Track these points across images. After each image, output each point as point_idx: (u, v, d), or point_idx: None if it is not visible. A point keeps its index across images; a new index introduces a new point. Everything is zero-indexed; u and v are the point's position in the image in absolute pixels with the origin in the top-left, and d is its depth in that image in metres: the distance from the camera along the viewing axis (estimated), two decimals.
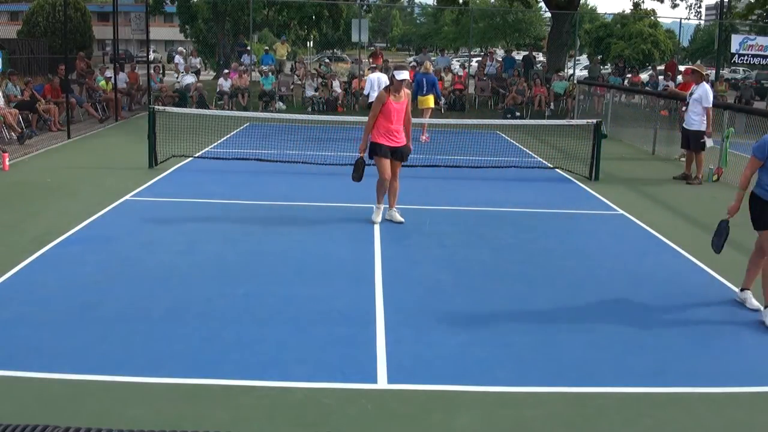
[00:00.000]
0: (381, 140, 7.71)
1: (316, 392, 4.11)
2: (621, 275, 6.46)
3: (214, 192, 9.30)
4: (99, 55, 31.83)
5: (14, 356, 4.39)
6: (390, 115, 7.63)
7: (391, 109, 7.62)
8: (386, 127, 7.69)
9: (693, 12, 39.18)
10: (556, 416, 3.96)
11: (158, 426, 3.60)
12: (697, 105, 11.05)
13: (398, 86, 7.66)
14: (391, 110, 7.62)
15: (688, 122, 11.27)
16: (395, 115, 7.65)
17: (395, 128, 7.72)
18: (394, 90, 7.67)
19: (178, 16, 32.89)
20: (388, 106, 7.63)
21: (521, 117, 18.86)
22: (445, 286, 5.98)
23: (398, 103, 7.66)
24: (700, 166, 11.27)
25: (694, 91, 11.21)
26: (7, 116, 12.58)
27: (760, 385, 4.39)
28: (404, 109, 7.76)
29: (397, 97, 7.67)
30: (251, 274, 6.13)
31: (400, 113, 7.72)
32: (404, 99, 7.74)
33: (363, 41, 23.41)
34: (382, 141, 7.71)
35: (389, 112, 7.63)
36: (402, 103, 7.71)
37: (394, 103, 7.63)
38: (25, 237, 6.94)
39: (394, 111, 7.63)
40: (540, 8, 35.79)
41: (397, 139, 7.74)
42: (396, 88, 7.67)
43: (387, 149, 7.73)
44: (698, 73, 11.41)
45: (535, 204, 9.24)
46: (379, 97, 7.73)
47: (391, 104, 7.62)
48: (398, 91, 7.67)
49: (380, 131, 7.72)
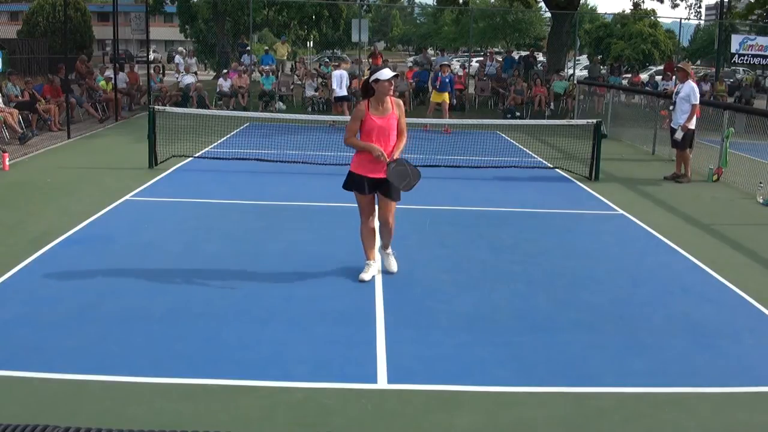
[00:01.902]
0: (358, 169, 5.74)
1: (316, 392, 4.11)
2: (621, 275, 6.46)
3: (214, 192, 9.30)
4: (99, 55, 31.85)
5: (14, 356, 4.39)
6: (370, 135, 5.66)
7: (372, 126, 5.64)
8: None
9: (693, 12, 39.23)
10: (556, 416, 3.96)
11: (158, 426, 3.60)
12: (684, 103, 11.00)
13: (381, 94, 5.64)
14: (372, 128, 5.64)
15: (675, 121, 11.21)
16: (377, 135, 5.66)
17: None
18: (375, 100, 5.68)
19: (178, 16, 32.95)
20: (367, 123, 5.65)
21: (521, 117, 18.86)
22: (445, 286, 5.98)
23: (382, 117, 5.65)
24: (687, 164, 11.23)
25: (680, 89, 11.16)
26: (7, 116, 12.57)
27: (760, 385, 4.39)
28: (392, 126, 5.71)
29: (380, 109, 5.67)
30: (251, 274, 6.13)
31: (386, 131, 5.68)
32: (392, 111, 5.70)
33: (363, 41, 23.41)
34: (359, 170, 5.73)
35: (370, 129, 5.66)
36: (388, 118, 5.67)
37: (375, 117, 5.63)
38: (25, 237, 6.94)
39: (376, 129, 5.64)
40: (540, 8, 35.77)
41: (381, 166, 5.64)
42: (378, 97, 5.66)
43: (366, 182, 5.72)
44: (684, 71, 11.41)
45: (535, 204, 9.24)
46: (357, 111, 5.76)
47: (372, 120, 5.63)
48: (381, 101, 5.67)
49: (359, 155, 5.77)
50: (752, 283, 6.29)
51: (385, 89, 5.61)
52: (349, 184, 5.81)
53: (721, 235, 7.97)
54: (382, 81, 5.59)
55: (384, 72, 5.63)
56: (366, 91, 5.76)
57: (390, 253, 6.15)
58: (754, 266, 6.94)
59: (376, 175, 5.66)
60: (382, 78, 5.59)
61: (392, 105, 5.73)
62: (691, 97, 10.92)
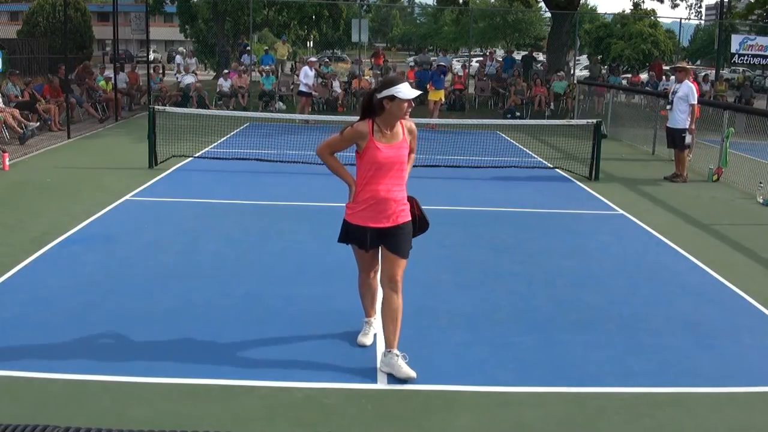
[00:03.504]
0: (356, 219, 4.27)
1: (316, 392, 4.11)
2: (621, 275, 6.46)
3: (214, 192, 9.30)
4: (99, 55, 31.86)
5: (14, 356, 4.39)
6: (374, 171, 4.16)
7: (376, 157, 4.12)
8: (372, 189, 4.18)
9: (693, 12, 39.17)
10: (556, 416, 3.96)
11: (158, 426, 3.60)
12: (682, 103, 11.00)
13: (394, 117, 4.13)
14: (376, 160, 4.13)
15: (672, 121, 11.19)
16: (385, 171, 4.17)
17: (387, 192, 4.20)
18: (383, 122, 4.14)
19: (178, 16, 32.92)
20: (370, 153, 4.13)
21: (521, 117, 18.86)
22: (445, 286, 5.98)
23: (390, 146, 4.15)
24: (683, 164, 11.23)
25: (677, 89, 11.15)
26: (7, 116, 12.57)
27: (760, 385, 4.38)
28: (403, 158, 4.23)
29: (387, 135, 4.15)
30: (251, 274, 6.13)
31: (396, 166, 4.19)
32: (403, 138, 4.21)
33: (363, 41, 23.41)
34: (357, 220, 4.27)
35: (372, 162, 4.14)
36: (398, 147, 4.18)
37: (382, 146, 4.13)
38: (25, 237, 6.94)
39: (383, 162, 4.14)
40: (540, 8, 35.76)
41: (389, 212, 4.22)
42: (389, 119, 4.13)
43: (368, 233, 4.25)
44: (683, 70, 11.40)
45: (535, 204, 9.24)
46: (354, 131, 4.16)
47: (378, 149, 4.12)
48: (391, 125, 4.16)
49: (361, 197, 4.23)
50: (752, 283, 6.29)
51: (402, 111, 4.10)
52: (345, 238, 4.40)
53: (721, 235, 7.97)
54: (400, 100, 4.05)
55: (403, 87, 4.06)
56: (370, 107, 4.17)
57: (398, 353, 4.26)
58: (754, 266, 6.94)
59: (380, 225, 4.22)
60: (401, 96, 4.04)
61: (403, 130, 4.22)
62: (690, 97, 10.92)
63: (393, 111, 4.09)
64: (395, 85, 4.08)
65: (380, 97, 4.09)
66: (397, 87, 4.05)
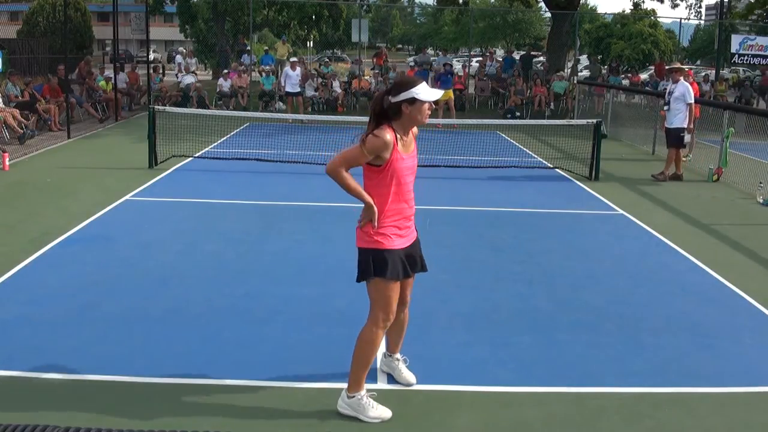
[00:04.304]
0: (386, 241, 3.75)
1: (316, 392, 4.11)
2: (621, 275, 6.46)
3: (214, 192, 9.30)
4: (99, 55, 31.86)
5: (14, 356, 4.39)
6: (402, 184, 3.78)
7: (402, 168, 3.75)
8: (398, 208, 3.80)
9: (693, 12, 39.22)
10: (556, 416, 3.96)
11: (158, 426, 3.60)
12: (679, 103, 11.00)
13: (412, 122, 3.73)
14: (402, 171, 3.75)
15: (670, 121, 11.20)
16: (410, 182, 3.86)
17: (412, 207, 3.91)
18: (401, 128, 3.74)
19: (178, 16, 32.95)
20: (397, 163, 3.71)
21: (521, 117, 18.87)
22: (445, 286, 5.98)
23: (410, 155, 3.83)
24: (670, 162, 11.22)
25: (673, 90, 11.15)
26: (7, 116, 12.57)
27: (760, 385, 4.38)
28: (416, 164, 3.94)
29: (405, 143, 3.79)
30: (251, 274, 6.13)
31: (414, 175, 3.92)
32: (414, 144, 3.93)
33: (363, 41, 23.41)
34: (388, 243, 3.75)
35: (399, 174, 3.74)
36: (415, 155, 3.91)
37: (404, 155, 3.76)
38: (25, 237, 6.94)
39: (408, 172, 3.82)
40: (540, 8, 35.79)
41: (412, 228, 3.99)
42: (406, 124, 3.73)
43: (403, 256, 3.83)
44: (678, 71, 11.41)
45: (535, 204, 9.24)
46: (377, 140, 3.62)
47: (402, 159, 3.74)
48: (406, 131, 3.78)
49: (387, 216, 3.76)
50: (752, 283, 6.29)
51: (423, 114, 3.70)
52: (384, 269, 3.72)
53: (721, 235, 7.97)
54: (421, 102, 3.66)
55: (422, 88, 3.66)
56: (383, 112, 3.71)
57: (401, 358, 4.29)
58: (754, 266, 6.94)
59: (410, 243, 3.90)
60: (422, 98, 3.65)
61: (413, 137, 3.91)
62: (686, 97, 10.93)
63: (413, 115, 3.69)
64: (414, 86, 3.66)
65: (397, 100, 3.67)
66: (416, 88, 3.65)
